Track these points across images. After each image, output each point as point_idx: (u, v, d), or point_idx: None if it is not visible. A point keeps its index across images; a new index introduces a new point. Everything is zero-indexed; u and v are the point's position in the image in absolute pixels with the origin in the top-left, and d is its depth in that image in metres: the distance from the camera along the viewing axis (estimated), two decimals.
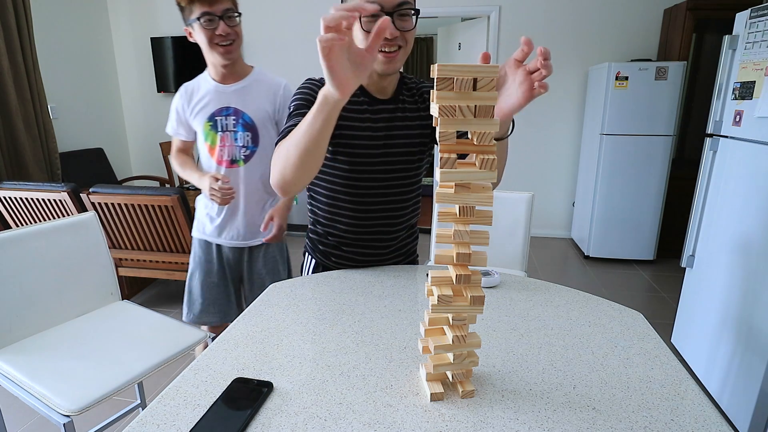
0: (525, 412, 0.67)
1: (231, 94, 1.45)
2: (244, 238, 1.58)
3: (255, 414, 0.67)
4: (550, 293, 1.09)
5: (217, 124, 1.46)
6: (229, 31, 1.33)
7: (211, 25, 1.30)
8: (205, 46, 1.35)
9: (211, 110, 1.45)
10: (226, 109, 1.45)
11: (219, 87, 1.45)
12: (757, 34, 1.77)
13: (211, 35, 1.32)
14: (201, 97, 1.45)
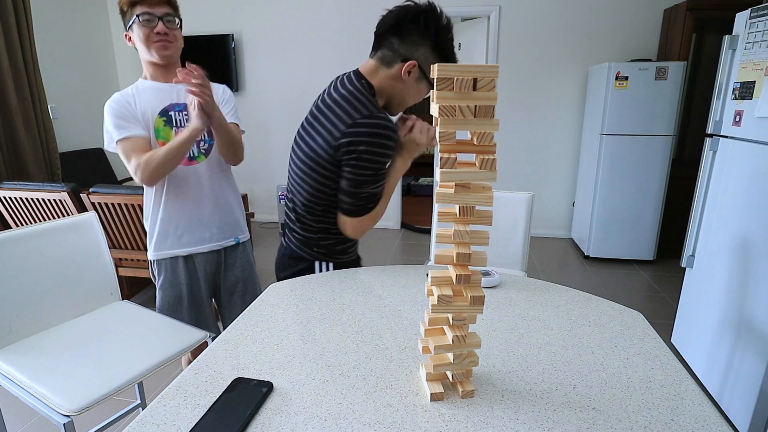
0: (525, 412, 0.67)
1: (178, 91, 1.41)
2: (219, 239, 1.51)
3: (255, 414, 0.67)
4: (550, 293, 1.09)
5: (171, 119, 1.40)
6: (167, 31, 1.32)
7: (149, 24, 1.30)
8: (143, 44, 1.32)
9: (161, 105, 1.39)
10: (178, 105, 1.41)
11: (162, 86, 1.40)
12: (757, 34, 1.77)
13: (148, 33, 1.31)
14: (144, 98, 1.38)
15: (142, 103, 1.37)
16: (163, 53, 1.34)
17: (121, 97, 1.36)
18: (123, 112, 1.34)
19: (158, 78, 1.41)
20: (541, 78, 3.95)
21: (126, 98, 1.36)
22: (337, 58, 4.19)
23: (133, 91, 1.38)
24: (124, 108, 1.34)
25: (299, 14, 4.16)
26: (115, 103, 1.34)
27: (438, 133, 0.61)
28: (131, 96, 1.37)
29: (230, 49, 4.23)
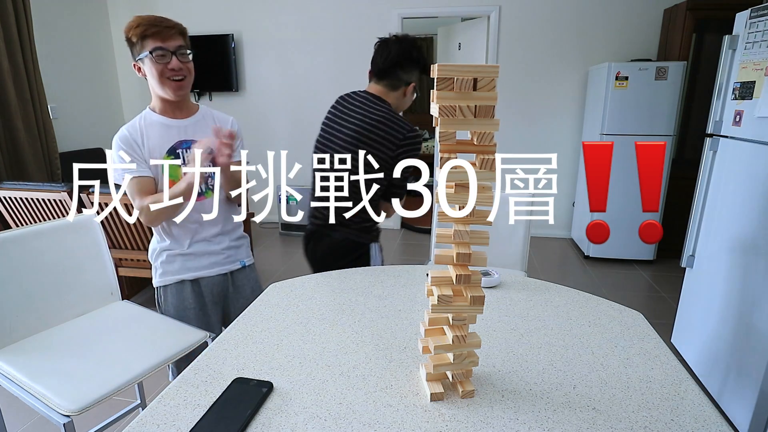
0: (525, 412, 0.67)
1: (186, 128, 1.39)
2: (225, 263, 1.50)
3: (255, 414, 0.67)
4: (550, 293, 1.09)
5: (179, 157, 1.37)
6: (181, 66, 1.30)
7: (162, 60, 1.28)
8: (156, 80, 1.29)
9: (169, 143, 1.36)
10: (186, 142, 1.39)
11: (170, 122, 1.38)
12: (757, 34, 1.77)
13: (162, 69, 1.28)
14: (152, 135, 1.35)
15: (150, 141, 1.34)
16: (178, 93, 1.33)
17: (129, 135, 1.33)
18: (129, 151, 1.32)
19: (167, 113, 1.38)
20: (541, 78, 3.94)
21: (134, 136, 1.33)
22: (336, 58, 4.19)
23: (141, 126, 1.35)
24: (131, 147, 1.32)
25: (299, 14, 4.16)
26: (122, 141, 1.32)
27: (438, 133, 0.61)
28: (139, 132, 1.34)
29: (230, 49, 4.23)
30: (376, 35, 1.49)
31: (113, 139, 1.32)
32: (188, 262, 1.45)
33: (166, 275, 1.45)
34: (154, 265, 1.47)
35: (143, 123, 1.36)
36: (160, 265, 1.45)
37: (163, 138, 1.36)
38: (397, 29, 4.02)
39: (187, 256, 1.44)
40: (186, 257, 1.44)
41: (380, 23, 4.04)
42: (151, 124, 1.37)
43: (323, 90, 4.26)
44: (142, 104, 5.44)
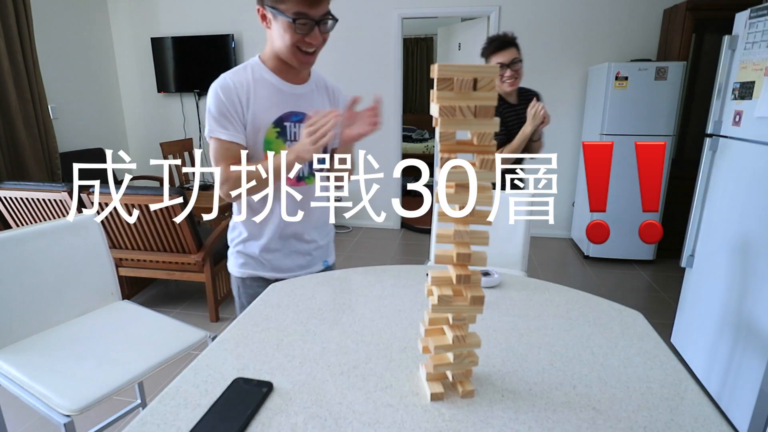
0: (525, 412, 0.67)
1: (300, 97, 1.19)
2: (311, 264, 1.32)
3: (255, 414, 0.67)
4: (550, 293, 1.09)
5: (286, 131, 1.17)
6: (320, 40, 1.10)
7: (303, 29, 1.05)
8: (286, 47, 1.09)
9: (278, 112, 1.16)
10: (296, 114, 1.18)
11: (285, 86, 1.17)
12: (756, 34, 1.77)
13: (299, 40, 1.07)
14: (261, 95, 1.14)
15: (256, 103, 1.13)
16: (305, 66, 1.14)
17: (233, 88, 1.11)
18: (229, 108, 1.11)
19: (283, 73, 1.17)
20: (541, 78, 3.94)
21: (238, 91, 1.12)
22: (336, 58, 4.19)
23: (249, 80, 1.14)
24: (232, 104, 1.11)
25: None
26: (224, 93, 1.10)
27: (438, 133, 0.61)
28: (245, 88, 1.13)
29: (230, 49, 4.23)
30: (376, 35, 1.49)
31: (211, 88, 1.11)
32: (272, 258, 1.26)
33: (245, 267, 1.28)
34: (232, 249, 1.30)
35: (251, 79, 1.14)
36: (237, 254, 1.29)
37: (273, 103, 1.15)
38: (397, 29, 4.02)
39: (271, 252, 1.26)
40: (270, 253, 1.26)
41: (380, 23, 4.04)
42: (262, 82, 1.15)
43: None
44: (142, 104, 5.43)
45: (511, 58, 1.91)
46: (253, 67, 1.16)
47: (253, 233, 1.25)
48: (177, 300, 2.95)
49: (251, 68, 1.16)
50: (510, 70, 1.93)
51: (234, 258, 1.30)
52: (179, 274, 2.61)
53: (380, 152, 4.26)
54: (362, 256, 3.80)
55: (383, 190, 5.44)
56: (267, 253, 1.26)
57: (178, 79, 4.41)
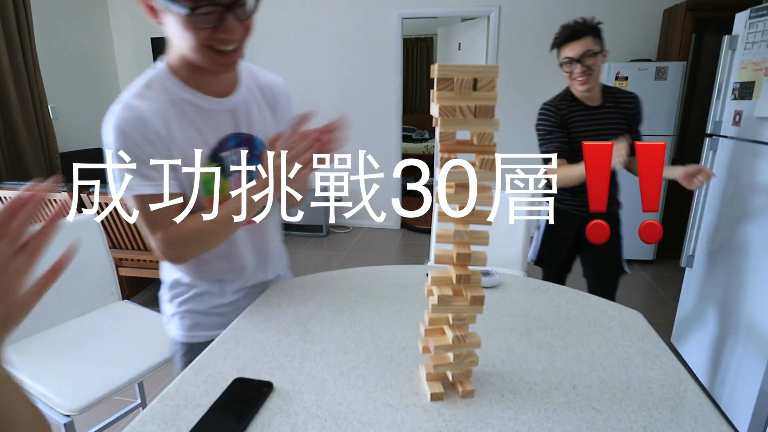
0: (525, 412, 0.67)
1: (233, 113, 0.90)
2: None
3: (255, 414, 0.67)
4: (550, 293, 1.09)
5: (225, 164, 0.90)
6: (239, 31, 0.77)
7: (208, 21, 0.73)
8: (191, 47, 0.77)
9: (211, 142, 0.87)
10: (233, 137, 0.90)
11: (210, 103, 0.87)
12: (756, 34, 1.77)
13: (207, 37, 0.75)
14: (183, 123, 0.84)
15: (180, 135, 0.83)
16: (225, 68, 0.83)
17: (145, 120, 0.79)
18: (147, 149, 0.80)
19: (204, 86, 0.86)
20: (542, 78, 3.94)
21: (153, 123, 0.80)
22: (336, 58, 4.19)
23: (162, 104, 0.82)
24: (149, 143, 0.80)
25: (299, 14, 4.16)
26: (135, 130, 0.78)
27: (438, 133, 0.61)
28: (159, 116, 0.81)
29: None
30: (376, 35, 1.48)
31: (111, 125, 0.79)
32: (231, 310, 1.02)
33: (196, 329, 1.01)
34: (175, 310, 1.02)
35: (165, 98, 0.83)
36: (184, 315, 1.01)
37: (202, 131, 0.86)
38: (398, 29, 4.02)
39: (232, 304, 1.03)
40: (231, 304, 1.03)
41: (380, 23, 4.04)
42: (180, 104, 0.84)
43: (323, 90, 4.26)
44: None
45: (582, 51, 1.57)
46: (161, 82, 0.84)
47: (208, 288, 0.99)
48: None
49: (159, 84, 0.83)
50: (580, 65, 1.57)
51: (179, 320, 1.01)
52: None
53: (380, 152, 4.26)
54: (362, 256, 3.80)
55: (383, 190, 5.41)
56: (227, 307, 1.02)
57: None
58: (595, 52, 1.58)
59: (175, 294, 1.02)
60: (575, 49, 1.59)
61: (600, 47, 1.59)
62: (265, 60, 4.32)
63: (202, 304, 1.01)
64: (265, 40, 4.27)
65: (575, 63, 1.58)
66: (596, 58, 1.58)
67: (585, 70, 1.57)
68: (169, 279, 1.02)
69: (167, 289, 1.02)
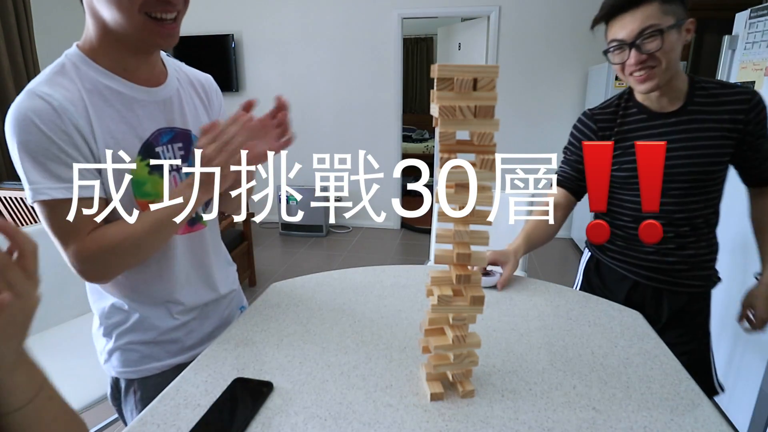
0: (525, 412, 0.67)
1: (165, 104, 0.81)
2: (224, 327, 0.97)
3: (255, 414, 0.67)
4: (550, 293, 1.09)
5: (159, 159, 0.80)
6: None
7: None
8: (128, 17, 0.68)
9: (142, 136, 0.77)
10: (167, 131, 0.81)
11: (138, 92, 0.77)
12: (756, 34, 1.77)
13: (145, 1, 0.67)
14: (108, 114, 0.73)
15: (104, 129, 0.72)
16: (165, 42, 0.73)
17: (60, 111, 0.68)
18: (62, 146, 0.68)
19: (128, 73, 0.76)
20: (542, 78, 3.94)
21: (70, 115, 0.68)
22: (336, 58, 4.19)
23: (80, 92, 0.71)
24: (66, 137, 0.68)
25: (299, 14, 4.16)
26: (46, 124, 0.66)
27: (438, 133, 0.61)
28: (79, 107, 0.70)
29: (230, 49, 4.23)
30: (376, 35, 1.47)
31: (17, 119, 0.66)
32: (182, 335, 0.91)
33: (145, 362, 0.88)
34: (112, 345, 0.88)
35: (83, 86, 0.72)
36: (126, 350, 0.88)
37: (131, 123, 0.76)
38: (398, 29, 4.02)
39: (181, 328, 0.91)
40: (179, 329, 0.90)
41: (380, 23, 4.04)
42: (102, 92, 0.74)
43: (323, 90, 4.26)
44: None
45: (639, 27, 0.94)
46: (76, 67, 0.73)
47: (149, 311, 0.86)
48: None
49: (75, 71, 0.73)
50: (636, 52, 0.97)
51: (120, 356, 0.88)
52: None
53: (380, 152, 4.26)
54: (362, 256, 3.80)
55: (383, 190, 5.41)
56: (178, 330, 0.90)
57: None
58: (661, 29, 0.94)
59: (113, 325, 0.87)
60: (627, 26, 0.96)
61: (674, 19, 0.95)
62: (265, 60, 4.32)
63: (147, 333, 0.87)
64: (265, 40, 4.27)
65: (628, 49, 0.98)
66: (665, 37, 0.94)
67: (644, 59, 0.97)
68: (100, 307, 0.87)
69: (101, 320, 0.88)
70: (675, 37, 0.96)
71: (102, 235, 0.72)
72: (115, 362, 0.89)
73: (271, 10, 4.19)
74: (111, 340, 0.88)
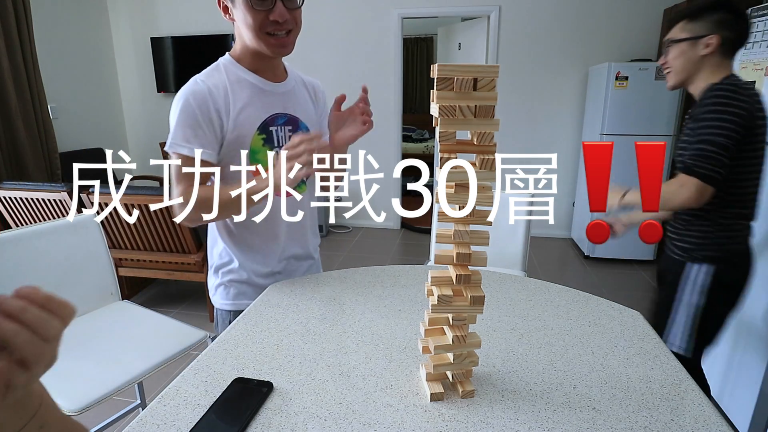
0: (525, 412, 0.67)
1: (283, 96, 1.08)
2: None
3: (255, 414, 0.67)
4: (550, 293, 1.09)
5: (272, 137, 1.04)
6: (288, 17, 0.97)
7: (262, 5, 0.94)
8: (251, 31, 0.97)
9: (262, 116, 1.03)
10: (281, 116, 1.06)
11: (266, 85, 1.05)
12: (757, 34, 1.77)
13: (263, 20, 0.95)
14: (242, 98, 1.01)
15: (238, 108, 1.00)
16: (279, 51, 1.00)
17: (208, 94, 0.97)
18: (201, 119, 0.96)
19: (261, 72, 1.05)
20: (542, 78, 3.94)
21: (214, 97, 0.97)
22: (336, 57, 4.19)
23: (225, 82, 1.00)
24: (206, 114, 0.97)
25: (304, 14, 4.16)
26: (197, 101, 0.96)
27: (438, 133, 0.61)
28: (222, 93, 0.99)
29: (230, 48, 4.23)
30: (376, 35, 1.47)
31: (182, 94, 0.97)
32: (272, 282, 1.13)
33: (240, 298, 1.13)
34: (219, 280, 1.14)
35: (228, 79, 1.01)
36: (228, 285, 1.13)
37: (256, 106, 1.02)
38: (397, 29, 4.02)
39: (273, 276, 1.14)
40: (271, 277, 1.14)
41: (380, 23, 4.04)
42: (241, 83, 1.02)
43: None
44: (142, 104, 5.44)
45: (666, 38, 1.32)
46: (226, 66, 1.03)
47: (249, 258, 1.11)
48: (177, 300, 2.95)
49: (224, 68, 1.02)
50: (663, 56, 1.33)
51: (224, 290, 1.14)
52: (179, 274, 2.61)
53: (380, 152, 4.26)
54: (362, 256, 3.80)
55: (383, 190, 5.39)
56: (268, 277, 1.13)
57: (178, 79, 4.40)
58: (676, 40, 1.25)
59: (220, 265, 1.13)
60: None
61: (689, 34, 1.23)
62: None
63: (244, 274, 1.11)
64: None
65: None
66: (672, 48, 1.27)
67: (663, 63, 1.34)
68: (214, 250, 1.14)
69: (213, 260, 1.14)
70: (683, 49, 1.25)
71: (201, 197, 0.93)
72: (218, 297, 1.14)
73: None
74: (218, 277, 1.13)
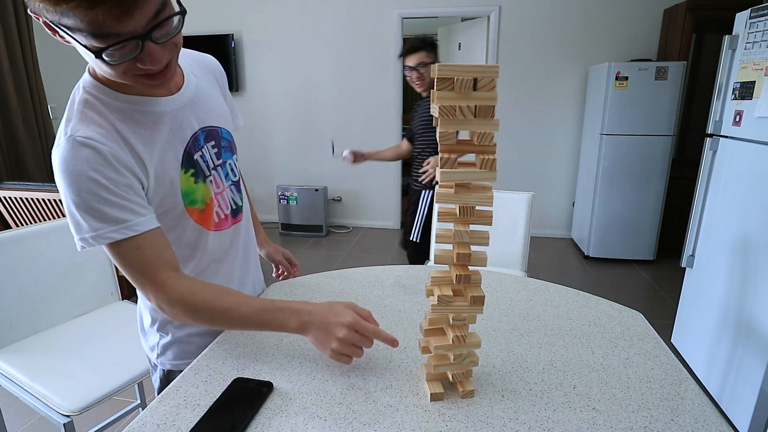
0: (525, 412, 0.67)
1: (191, 106, 0.81)
2: None
3: (255, 414, 0.67)
4: (550, 293, 1.09)
5: (200, 166, 0.82)
6: (163, 55, 0.65)
7: (120, 54, 0.61)
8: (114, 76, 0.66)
9: (179, 149, 0.78)
10: (199, 134, 0.81)
11: (165, 104, 0.76)
12: (757, 34, 1.77)
13: (127, 67, 0.64)
14: (146, 137, 0.73)
15: (147, 152, 0.73)
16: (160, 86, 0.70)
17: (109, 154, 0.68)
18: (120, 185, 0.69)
19: (150, 88, 0.73)
20: (542, 78, 3.94)
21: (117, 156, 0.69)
22: (337, 57, 4.19)
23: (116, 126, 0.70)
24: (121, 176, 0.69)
25: (299, 14, 4.16)
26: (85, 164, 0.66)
27: (438, 133, 0.61)
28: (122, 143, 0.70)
29: (230, 49, 4.23)
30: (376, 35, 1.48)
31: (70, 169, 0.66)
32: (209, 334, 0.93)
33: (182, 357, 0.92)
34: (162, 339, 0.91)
35: (114, 118, 0.71)
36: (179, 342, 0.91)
37: (166, 139, 0.76)
38: (397, 29, 4.02)
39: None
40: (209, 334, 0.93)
41: (380, 23, 4.04)
42: (133, 116, 0.73)
43: (324, 90, 4.26)
44: None
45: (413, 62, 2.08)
46: (98, 99, 0.71)
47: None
48: None
49: (98, 102, 0.70)
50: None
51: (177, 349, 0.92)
52: None
53: None
54: (362, 256, 3.80)
55: (383, 190, 5.41)
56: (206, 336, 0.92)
57: None
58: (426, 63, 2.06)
59: (169, 319, 0.89)
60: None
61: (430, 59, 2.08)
62: (265, 60, 4.32)
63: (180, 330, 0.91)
64: (265, 39, 4.27)
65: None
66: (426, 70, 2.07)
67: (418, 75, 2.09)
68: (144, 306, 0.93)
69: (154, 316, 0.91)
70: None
71: (201, 294, 0.75)
72: (170, 356, 0.92)
73: (271, 9, 4.19)
74: (167, 336, 0.91)
